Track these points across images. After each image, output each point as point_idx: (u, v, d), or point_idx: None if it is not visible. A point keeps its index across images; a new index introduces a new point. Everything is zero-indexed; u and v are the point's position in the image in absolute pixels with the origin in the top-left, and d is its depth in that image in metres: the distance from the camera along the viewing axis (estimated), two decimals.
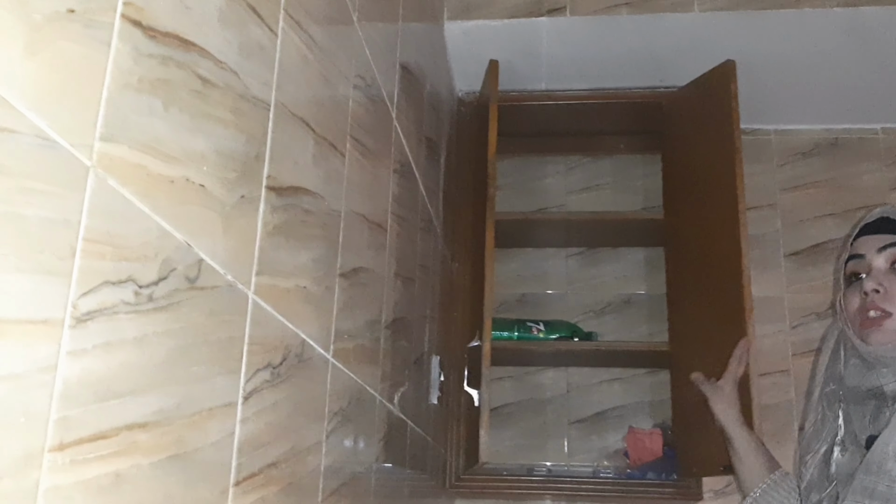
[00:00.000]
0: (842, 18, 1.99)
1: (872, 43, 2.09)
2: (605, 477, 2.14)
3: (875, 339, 1.14)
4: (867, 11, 1.96)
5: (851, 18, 1.98)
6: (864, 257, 1.20)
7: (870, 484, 1.05)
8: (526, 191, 2.50)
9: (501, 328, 2.17)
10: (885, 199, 2.40)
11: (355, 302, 1.09)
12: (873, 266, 1.18)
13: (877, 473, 1.04)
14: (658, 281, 2.32)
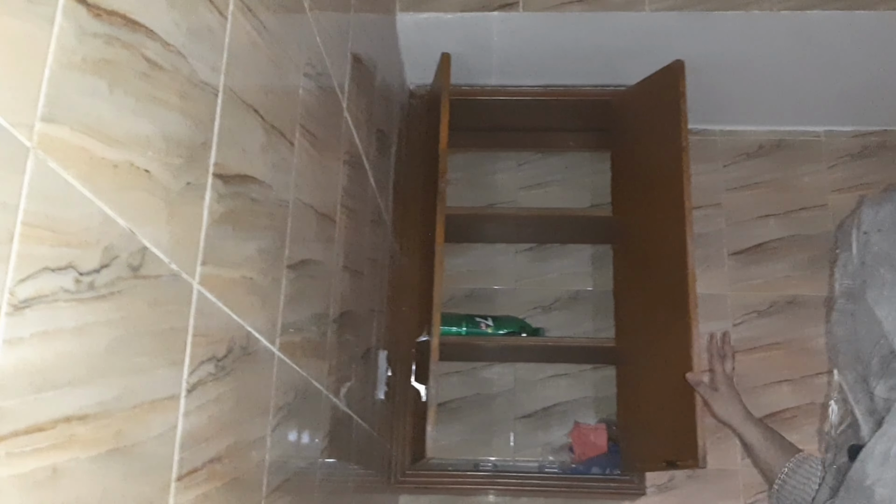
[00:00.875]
0: (789, 21, 2.02)
1: (818, 46, 2.13)
2: (550, 472, 2.15)
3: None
4: (813, 15, 2.00)
5: (798, 22, 2.02)
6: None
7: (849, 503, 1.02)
8: (477, 186, 2.50)
9: (450, 323, 2.17)
10: (825, 200, 2.46)
11: (302, 294, 1.07)
12: None
13: (857, 491, 1.00)
14: (605, 277, 2.34)
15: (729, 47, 2.13)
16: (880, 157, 2.51)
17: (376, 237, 1.74)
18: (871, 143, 2.52)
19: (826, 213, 2.46)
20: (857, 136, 2.53)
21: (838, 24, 2.03)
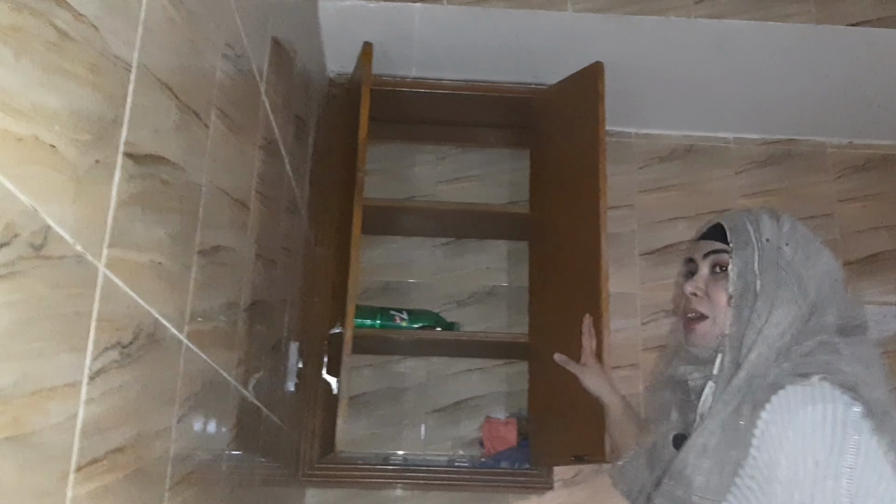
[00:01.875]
0: (705, 29, 2.07)
1: (731, 55, 2.19)
2: (460, 465, 2.15)
3: (691, 339, 1.21)
4: (728, 24, 2.06)
5: (713, 30, 2.08)
6: (694, 261, 1.26)
7: (671, 489, 1.10)
8: (395, 178, 2.48)
9: (364, 316, 2.15)
10: (733, 204, 2.54)
11: (213, 282, 1.04)
12: (700, 270, 1.24)
13: (678, 479, 1.09)
14: (521, 273, 2.36)
15: (647, 51, 2.17)
16: (785, 165, 2.60)
17: (291, 226, 1.71)
18: (777, 152, 2.61)
19: None
20: (765, 143, 2.62)
21: (751, 34, 2.09)
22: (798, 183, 2.59)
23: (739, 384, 1.09)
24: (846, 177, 2.61)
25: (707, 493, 1.05)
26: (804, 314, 1.12)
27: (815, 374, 1.04)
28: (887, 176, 2.61)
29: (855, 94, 2.37)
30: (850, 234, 2.55)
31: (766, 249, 1.16)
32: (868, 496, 0.94)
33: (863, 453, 0.96)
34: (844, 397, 1.01)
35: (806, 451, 0.97)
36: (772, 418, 1.02)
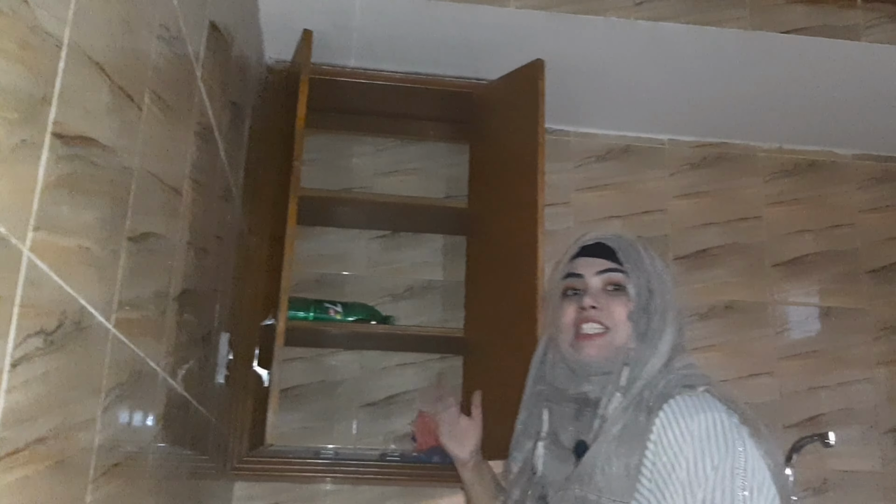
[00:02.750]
0: (644, 31, 2.10)
1: (668, 57, 2.23)
2: (391, 460, 2.14)
3: (588, 352, 1.25)
4: (666, 27, 2.09)
5: (653, 32, 2.10)
6: (583, 277, 1.29)
7: (582, 494, 1.15)
8: (332, 169, 2.46)
9: (298, 308, 2.12)
10: (666, 206, 2.58)
11: (143, 269, 1.01)
12: (590, 285, 1.28)
13: (587, 484, 1.15)
14: (458, 268, 2.36)
15: (587, 51, 2.19)
16: (718, 167, 2.66)
17: (224, 214, 1.68)
18: (710, 154, 2.66)
19: (666, 217, 2.58)
20: (699, 146, 2.66)
21: (688, 38, 2.13)
22: (729, 185, 2.64)
23: (635, 393, 1.18)
24: (775, 181, 2.67)
25: (615, 495, 1.12)
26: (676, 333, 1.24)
27: (700, 386, 1.15)
28: (814, 181, 2.69)
29: (786, 100, 2.43)
30: (776, 237, 2.62)
31: (651, 274, 1.27)
32: (759, 492, 1.06)
33: (749, 455, 1.08)
34: (724, 407, 1.13)
35: (704, 453, 1.08)
36: (667, 424, 1.12)
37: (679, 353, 1.23)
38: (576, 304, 1.28)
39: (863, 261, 2.64)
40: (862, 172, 2.72)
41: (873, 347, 2.56)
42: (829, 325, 2.57)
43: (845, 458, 2.44)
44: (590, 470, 1.15)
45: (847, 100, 2.42)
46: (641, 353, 1.21)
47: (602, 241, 1.32)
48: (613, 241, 1.31)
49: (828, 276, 2.61)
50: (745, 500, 1.04)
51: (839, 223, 2.66)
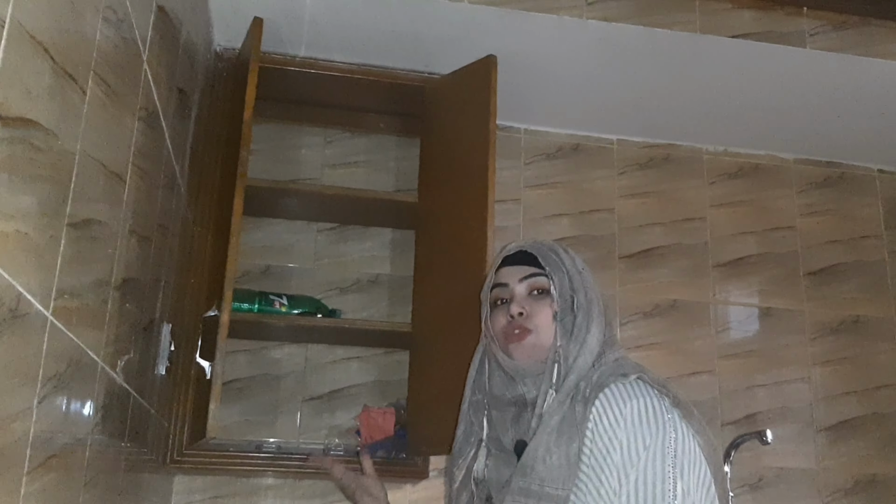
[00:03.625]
0: (596, 30, 2.11)
1: (619, 58, 2.25)
2: (335, 454, 2.13)
3: (516, 353, 1.30)
4: (617, 28, 2.11)
5: (604, 32, 2.12)
6: (508, 286, 1.35)
7: (525, 485, 1.19)
8: (280, 159, 2.42)
9: (242, 299, 2.09)
10: (613, 205, 2.61)
11: (83, 257, 0.98)
12: (516, 293, 1.34)
13: (530, 475, 1.19)
14: (406, 262, 2.34)
15: (539, 48, 2.20)
16: (664, 168, 2.69)
17: (168, 203, 1.64)
18: (657, 155, 2.70)
19: (613, 216, 2.61)
20: (646, 147, 2.70)
21: (639, 39, 2.15)
22: (675, 187, 2.68)
23: (570, 387, 1.23)
24: (720, 183, 2.72)
25: (557, 483, 1.16)
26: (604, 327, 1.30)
27: (632, 374, 1.20)
28: (757, 184, 2.74)
29: (732, 103, 2.47)
30: (719, 238, 2.67)
31: (572, 274, 1.33)
32: (688, 471, 1.11)
33: (679, 436, 1.14)
34: (656, 392, 1.19)
35: (636, 436, 1.13)
36: (602, 411, 1.17)
37: (610, 347, 1.29)
38: (505, 312, 1.34)
39: (801, 263, 2.70)
40: (803, 177, 2.78)
41: (809, 348, 2.62)
42: (768, 325, 2.62)
43: (781, 455, 2.49)
44: (531, 462, 1.19)
45: (790, 105, 2.47)
46: (569, 350, 1.26)
47: (524, 249, 1.37)
48: (534, 248, 1.37)
49: (767, 277, 2.67)
50: (675, 478, 1.09)
51: (780, 226, 2.72)
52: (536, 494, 1.17)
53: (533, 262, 1.34)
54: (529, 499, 1.18)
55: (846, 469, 2.53)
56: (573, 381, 1.23)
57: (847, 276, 2.71)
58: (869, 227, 2.77)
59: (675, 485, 1.09)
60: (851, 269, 2.72)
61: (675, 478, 1.10)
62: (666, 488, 1.09)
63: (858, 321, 2.67)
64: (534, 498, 1.17)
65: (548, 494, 1.16)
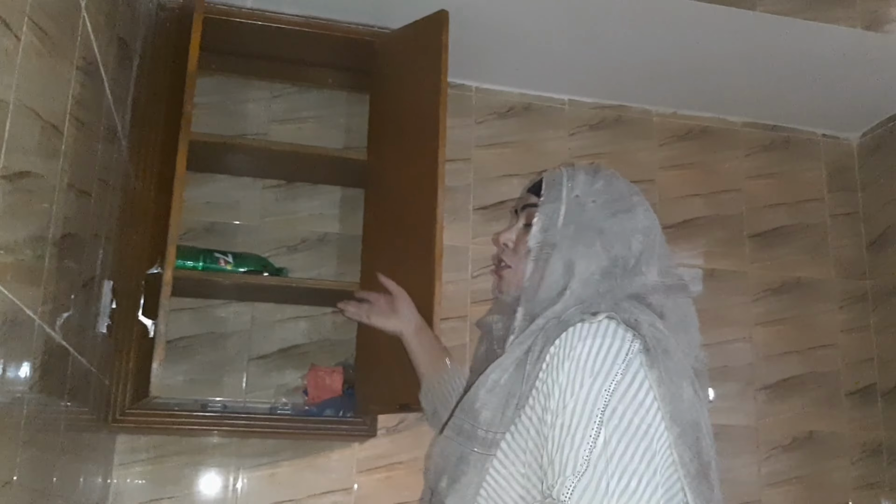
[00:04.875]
0: None
1: (573, 17, 2.23)
2: (282, 413, 2.11)
3: (497, 287, 1.30)
4: None
5: None
6: (517, 211, 1.34)
7: (460, 422, 1.16)
8: (225, 113, 2.36)
9: (186, 257, 2.04)
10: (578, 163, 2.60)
11: (18, 211, 0.94)
12: (517, 222, 1.32)
13: (467, 413, 1.15)
14: (355, 221, 2.32)
15: (492, 4, 2.17)
16: (615, 130, 2.69)
17: (109, 157, 1.59)
18: (608, 116, 2.70)
19: None
20: (598, 108, 2.69)
21: None
22: (625, 148, 2.69)
23: (536, 327, 1.15)
24: (669, 145, 2.73)
25: (492, 427, 1.11)
26: (606, 268, 1.18)
27: (603, 313, 1.10)
28: (705, 146, 2.76)
29: (682, 65, 2.47)
30: (668, 200, 2.69)
31: (571, 205, 1.22)
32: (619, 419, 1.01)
33: (625, 382, 1.04)
34: (626, 334, 1.08)
35: (576, 378, 1.04)
36: (556, 353, 1.08)
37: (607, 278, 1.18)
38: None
39: (746, 225, 2.74)
40: (750, 140, 2.81)
41: (752, 308, 2.67)
42: (713, 286, 2.66)
43: (722, 412, 2.54)
44: (471, 400, 1.15)
45: (739, 68, 2.48)
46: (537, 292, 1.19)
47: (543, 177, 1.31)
48: (549, 174, 1.31)
49: (713, 239, 2.70)
50: (600, 425, 1.00)
51: (726, 188, 2.75)
52: (467, 433, 1.13)
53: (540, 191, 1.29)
54: (460, 436, 1.14)
55: (784, 426, 2.60)
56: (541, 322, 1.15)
57: (790, 238, 2.76)
58: (812, 191, 2.82)
59: (598, 432, 1.00)
60: (794, 232, 2.77)
61: (599, 424, 1.00)
62: (586, 434, 1.00)
63: (799, 283, 2.73)
64: (464, 436, 1.14)
65: (476, 436, 1.12)
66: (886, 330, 2.68)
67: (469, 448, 1.13)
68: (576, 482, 0.98)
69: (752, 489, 2.52)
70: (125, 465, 2.12)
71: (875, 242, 2.77)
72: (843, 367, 2.69)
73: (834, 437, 2.62)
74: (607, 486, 0.97)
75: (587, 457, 0.99)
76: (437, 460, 1.18)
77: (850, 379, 2.68)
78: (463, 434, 1.14)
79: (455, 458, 1.14)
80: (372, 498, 2.24)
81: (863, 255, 2.80)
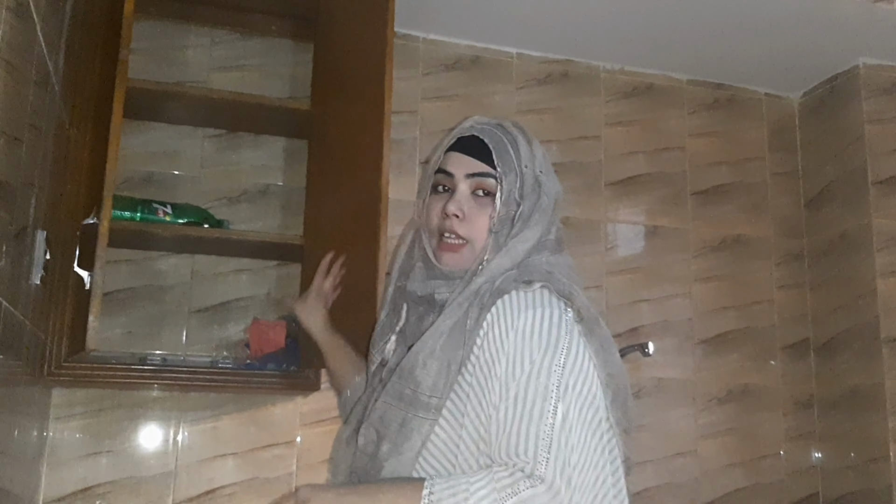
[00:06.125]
0: None
1: None
2: (224, 367, 2.09)
3: (447, 261, 1.24)
4: None
5: None
6: (454, 177, 1.26)
7: (399, 388, 1.15)
8: (164, 60, 2.29)
9: (123, 207, 1.99)
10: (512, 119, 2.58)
11: None
12: (459, 188, 1.25)
13: (406, 378, 1.15)
14: (298, 173, 2.28)
15: None
16: (562, 85, 2.68)
17: (41, 102, 1.53)
18: (555, 71, 2.69)
19: None
20: (545, 62, 2.68)
21: None
22: (572, 104, 2.68)
23: (470, 293, 1.15)
24: (614, 101, 2.74)
25: (434, 392, 1.12)
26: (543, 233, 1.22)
27: (538, 283, 1.12)
28: (650, 104, 2.77)
29: (628, 19, 2.46)
30: (612, 157, 2.70)
31: (526, 177, 1.22)
32: (571, 391, 1.05)
33: (572, 354, 1.07)
34: (560, 304, 1.11)
35: (524, 350, 1.06)
36: (495, 320, 1.10)
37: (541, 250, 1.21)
38: (442, 204, 1.25)
39: (688, 183, 2.77)
40: (694, 98, 2.83)
41: (692, 265, 2.71)
42: (654, 243, 2.70)
43: (661, 366, 2.60)
44: (411, 365, 1.14)
45: (685, 24, 2.48)
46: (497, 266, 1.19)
47: (478, 135, 1.26)
48: (492, 139, 1.25)
49: (656, 196, 2.73)
50: (558, 398, 1.03)
51: (670, 146, 2.77)
52: (409, 399, 1.13)
53: (487, 156, 1.24)
54: (401, 402, 1.14)
55: (720, 379, 2.67)
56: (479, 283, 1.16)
57: (730, 196, 2.80)
58: (753, 150, 2.86)
59: (556, 405, 1.03)
60: (735, 190, 2.81)
61: (557, 398, 1.03)
62: (546, 407, 1.03)
63: (739, 240, 2.77)
64: (405, 402, 1.13)
65: (419, 401, 1.12)
66: (820, 287, 2.76)
67: (412, 413, 1.13)
68: (546, 455, 1.01)
69: (689, 440, 2.59)
70: (62, 419, 2.09)
71: (812, 201, 2.83)
72: (778, 322, 2.76)
73: (767, 390, 2.70)
74: (573, 459, 1.02)
75: (549, 432, 1.02)
76: (376, 427, 1.18)
77: (785, 334, 2.75)
78: (405, 400, 1.13)
79: (397, 424, 1.14)
80: (315, 451, 2.24)
81: (801, 213, 2.86)
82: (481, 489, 1.01)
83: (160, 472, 2.14)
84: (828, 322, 2.71)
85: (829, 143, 2.78)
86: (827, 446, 2.67)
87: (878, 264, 2.53)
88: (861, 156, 2.62)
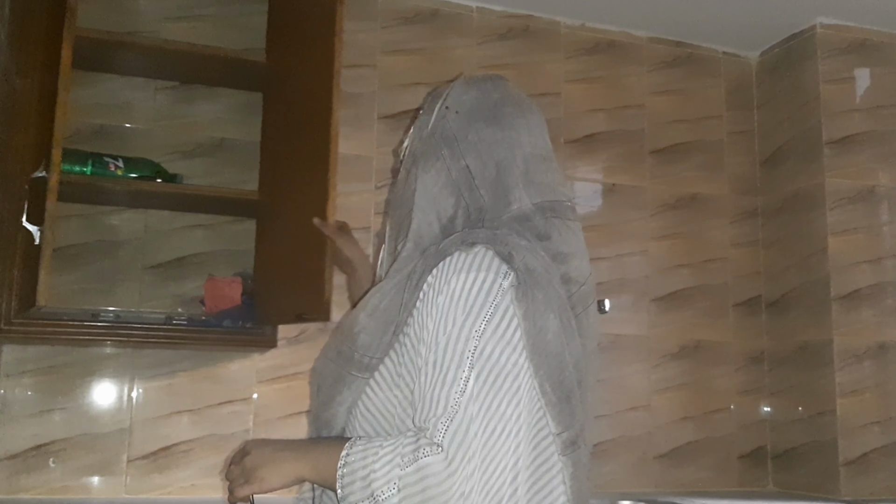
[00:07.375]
0: None
1: None
2: (179, 323, 2.07)
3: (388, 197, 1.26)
4: None
5: None
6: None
7: (339, 344, 1.15)
8: (114, 8, 2.22)
9: (73, 161, 1.95)
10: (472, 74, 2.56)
11: None
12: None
13: (346, 335, 1.14)
14: (253, 127, 2.24)
15: None
16: (523, 40, 2.66)
17: None
18: (516, 26, 2.66)
19: None
20: (506, 16, 2.65)
21: None
22: (532, 60, 2.66)
23: (409, 251, 1.13)
24: (575, 58, 2.72)
25: (368, 352, 1.10)
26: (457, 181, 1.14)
27: (480, 243, 1.07)
28: (611, 61, 2.76)
29: None
30: (572, 114, 2.69)
31: (438, 117, 1.18)
32: (488, 359, 1.01)
33: (495, 321, 1.03)
34: (502, 266, 1.06)
35: (448, 315, 1.03)
36: (432, 283, 1.07)
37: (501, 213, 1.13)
38: None
39: (647, 141, 2.78)
40: (654, 55, 2.83)
41: (650, 223, 2.74)
42: (612, 201, 2.71)
43: (617, 323, 2.63)
44: (351, 323, 1.14)
45: None
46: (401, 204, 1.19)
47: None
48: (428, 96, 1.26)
49: (615, 154, 2.73)
50: (471, 366, 1.00)
51: (629, 104, 2.77)
52: (346, 356, 1.13)
53: None
54: (339, 358, 1.14)
55: (674, 335, 2.71)
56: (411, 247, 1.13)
57: (688, 154, 2.82)
58: (711, 108, 2.87)
59: (468, 373, 1.00)
60: (692, 149, 2.83)
61: (470, 365, 1.00)
62: (457, 376, 1.00)
63: (695, 198, 2.80)
64: (343, 359, 1.13)
65: (357, 360, 1.11)
66: (773, 245, 2.80)
67: (346, 370, 1.13)
68: (448, 423, 0.98)
69: (642, 395, 2.63)
70: (12, 377, 2.06)
71: (768, 160, 2.86)
72: (731, 279, 2.80)
73: (720, 345, 2.75)
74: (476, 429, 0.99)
75: (458, 399, 0.99)
76: (317, 377, 1.19)
77: (738, 291, 2.80)
78: (342, 356, 1.13)
79: (332, 379, 1.15)
80: (272, 408, 2.24)
81: (756, 172, 2.89)
82: (388, 454, 1.00)
83: (115, 429, 2.12)
84: (780, 279, 2.75)
85: (785, 102, 2.80)
86: (776, 401, 2.73)
87: (830, 223, 2.58)
88: (816, 115, 2.65)
